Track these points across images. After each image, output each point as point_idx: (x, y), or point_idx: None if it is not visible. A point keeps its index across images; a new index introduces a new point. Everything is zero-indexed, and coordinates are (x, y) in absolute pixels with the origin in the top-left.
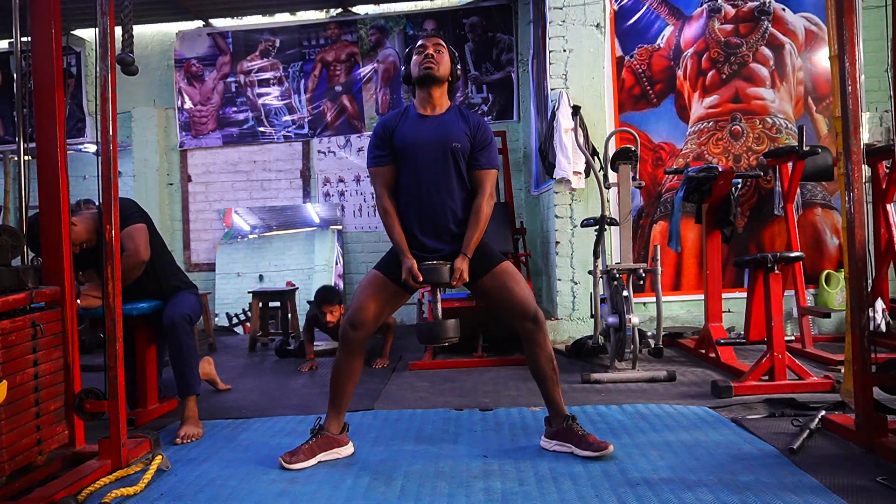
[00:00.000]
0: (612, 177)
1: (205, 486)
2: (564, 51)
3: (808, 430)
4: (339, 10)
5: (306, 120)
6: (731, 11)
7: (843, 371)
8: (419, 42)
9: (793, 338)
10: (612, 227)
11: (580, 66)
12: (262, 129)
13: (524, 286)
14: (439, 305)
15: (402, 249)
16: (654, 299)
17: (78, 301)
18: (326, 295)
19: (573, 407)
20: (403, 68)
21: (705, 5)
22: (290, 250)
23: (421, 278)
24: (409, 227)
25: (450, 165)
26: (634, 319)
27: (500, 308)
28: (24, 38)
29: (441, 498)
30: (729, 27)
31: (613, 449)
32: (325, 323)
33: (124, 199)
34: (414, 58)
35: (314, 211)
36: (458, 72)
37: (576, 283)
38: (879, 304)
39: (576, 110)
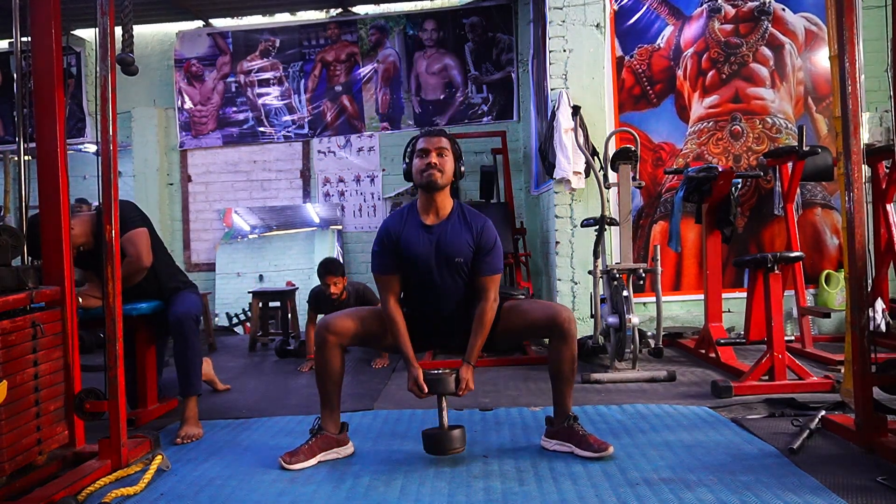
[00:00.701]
0: (612, 177)
1: (205, 486)
2: (564, 51)
3: (808, 430)
4: (339, 10)
5: (306, 120)
6: (731, 11)
7: (843, 371)
8: (421, 144)
9: (793, 338)
10: (612, 227)
11: (580, 66)
12: (262, 129)
13: (537, 303)
14: (445, 415)
15: (408, 360)
16: (654, 299)
17: (79, 300)
18: (329, 266)
19: (573, 407)
20: (405, 164)
21: (705, 5)
22: (290, 250)
23: (426, 390)
24: (414, 331)
25: (454, 276)
26: (634, 319)
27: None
28: (24, 38)
29: (441, 498)
30: (729, 27)
31: (613, 450)
32: (328, 297)
33: (124, 202)
34: (416, 162)
35: (314, 211)
36: (462, 169)
37: (576, 283)
38: (879, 304)
39: (576, 110)
